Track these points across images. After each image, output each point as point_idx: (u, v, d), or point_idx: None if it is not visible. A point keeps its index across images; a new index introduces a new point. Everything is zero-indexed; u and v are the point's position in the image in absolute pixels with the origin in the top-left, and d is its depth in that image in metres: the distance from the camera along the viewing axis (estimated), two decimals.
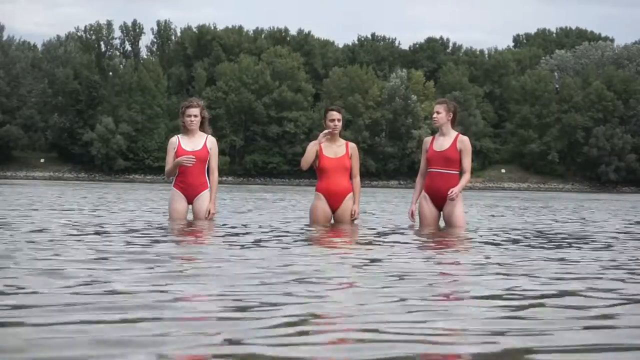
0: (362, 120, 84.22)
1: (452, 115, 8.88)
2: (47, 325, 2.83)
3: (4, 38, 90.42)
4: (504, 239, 7.56)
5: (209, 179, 9.06)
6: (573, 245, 7.01)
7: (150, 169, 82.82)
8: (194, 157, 8.85)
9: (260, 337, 2.73)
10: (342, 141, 9.16)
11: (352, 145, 9.18)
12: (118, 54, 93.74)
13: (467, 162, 8.73)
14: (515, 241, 7.23)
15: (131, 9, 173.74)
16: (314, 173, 9.15)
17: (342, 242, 7.10)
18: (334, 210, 9.06)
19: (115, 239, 6.49)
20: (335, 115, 9.04)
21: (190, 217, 9.06)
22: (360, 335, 2.81)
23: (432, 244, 6.92)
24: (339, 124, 9.05)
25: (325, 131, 8.97)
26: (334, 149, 9.06)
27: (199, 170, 8.97)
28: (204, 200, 8.98)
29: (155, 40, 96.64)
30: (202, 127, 9.11)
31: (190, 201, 9.04)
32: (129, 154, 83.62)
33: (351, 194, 9.07)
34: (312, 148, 9.02)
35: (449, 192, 8.59)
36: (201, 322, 3.01)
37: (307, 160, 8.98)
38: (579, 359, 2.58)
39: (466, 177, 8.72)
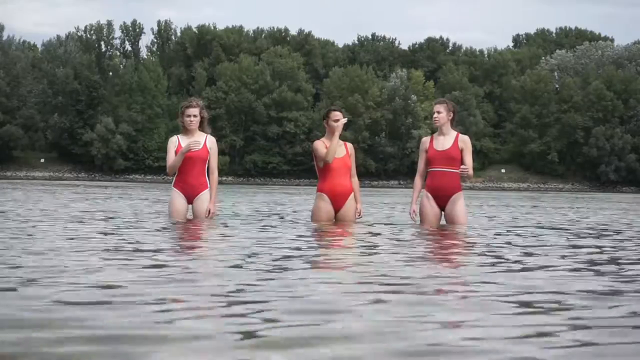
0: (362, 120, 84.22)
1: (452, 115, 8.95)
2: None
3: (4, 38, 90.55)
4: (505, 236, 7.53)
5: (208, 179, 9.06)
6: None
7: (151, 169, 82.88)
8: (199, 141, 8.90)
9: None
10: (341, 141, 9.17)
11: (350, 145, 9.24)
12: (118, 54, 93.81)
13: (469, 160, 8.83)
14: (518, 238, 7.21)
15: (131, 9, 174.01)
16: (313, 173, 9.13)
17: (346, 240, 7.09)
18: (336, 210, 9.04)
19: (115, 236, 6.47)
20: (339, 115, 9.06)
21: (190, 217, 9.05)
22: (358, 333, 2.79)
23: (435, 242, 6.90)
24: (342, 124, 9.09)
25: (344, 120, 8.96)
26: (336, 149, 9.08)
27: (199, 170, 8.97)
28: (203, 200, 8.98)
29: (155, 40, 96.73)
30: (201, 127, 9.12)
31: (190, 201, 9.03)
32: (129, 154, 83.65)
33: (353, 194, 9.08)
34: (333, 143, 8.96)
35: (462, 166, 8.68)
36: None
37: (331, 153, 8.92)
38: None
39: (470, 172, 8.81)
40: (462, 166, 8.73)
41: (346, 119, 9.11)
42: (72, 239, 6.32)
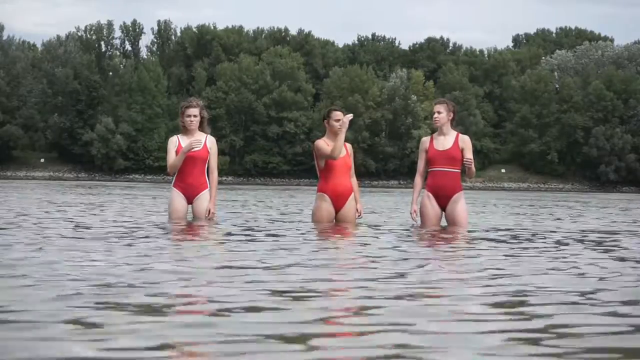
0: (362, 120, 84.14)
1: (452, 115, 8.93)
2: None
3: (4, 38, 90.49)
4: (506, 237, 7.54)
5: (208, 179, 9.05)
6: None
7: (151, 169, 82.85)
8: (200, 140, 8.89)
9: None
10: None
11: (349, 145, 9.25)
12: (118, 54, 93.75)
13: (470, 157, 8.81)
14: (517, 239, 7.21)
15: (131, 9, 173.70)
16: (313, 173, 9.12)
17: (349, 239, 7.09)
18: (336, 210, 9.02)
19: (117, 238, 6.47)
20: (340, 115, 9.07)
21: (190, 217, 9.04)
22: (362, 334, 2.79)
23: (436, 242, 6.90)
24: None
25: (349, 116, 8.95)
26: None
27: (199, 170, 8.97)
28: (203, 200, 8.97)
29: (155, 40, 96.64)
30: (201, 127, 9.11)
31: (190, 201, 9.03)
32: (129, 154, 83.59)
33: (353, 194, 9.07)
34: (340, 139, 8.90)
35: (465, 159, 8.67)
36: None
37: (338, 150, 8.88)
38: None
39: (472, 168, 8.81)
40: (466, 159, 8.69)
41: (351, 115, 9.12)
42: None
